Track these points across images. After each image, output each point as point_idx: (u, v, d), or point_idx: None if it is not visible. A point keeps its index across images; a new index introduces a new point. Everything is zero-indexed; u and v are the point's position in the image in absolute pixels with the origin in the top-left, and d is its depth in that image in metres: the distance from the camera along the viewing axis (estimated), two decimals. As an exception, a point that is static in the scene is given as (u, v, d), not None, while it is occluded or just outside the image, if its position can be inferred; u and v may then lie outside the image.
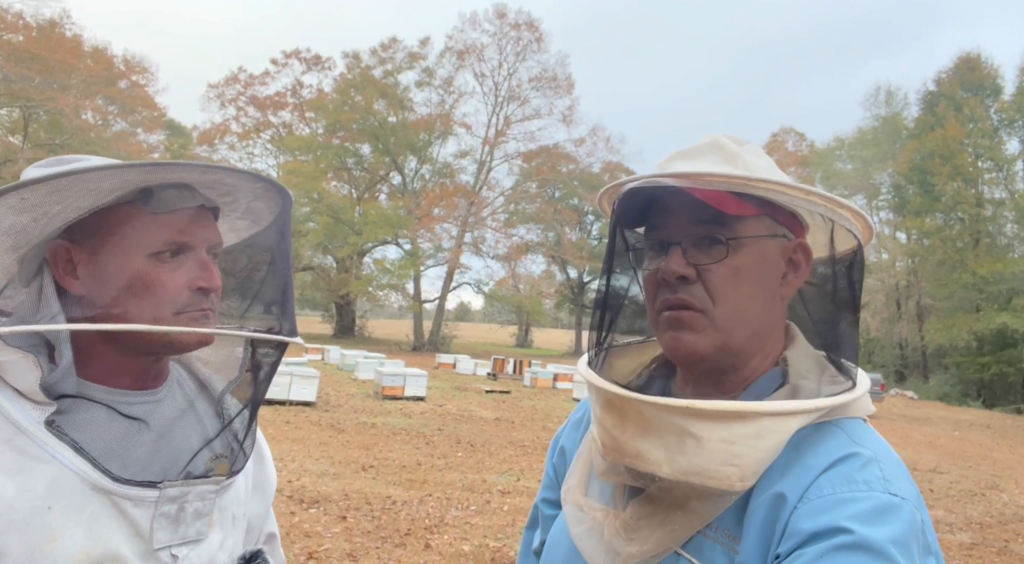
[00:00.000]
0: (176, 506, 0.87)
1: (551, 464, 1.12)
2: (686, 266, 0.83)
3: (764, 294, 0.85)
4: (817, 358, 0.88)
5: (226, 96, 38.98)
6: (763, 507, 0.76)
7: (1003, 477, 10.44)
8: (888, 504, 0.71)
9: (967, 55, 33.54)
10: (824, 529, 0.70)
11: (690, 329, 0.83)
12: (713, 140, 0.89)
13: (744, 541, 0.76)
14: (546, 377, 19.41)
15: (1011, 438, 16.51)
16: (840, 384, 0.84)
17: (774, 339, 0.88)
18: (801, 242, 0.88)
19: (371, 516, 5.91)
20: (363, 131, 37.80)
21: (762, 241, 0.84)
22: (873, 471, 0.75)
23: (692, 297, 0.83)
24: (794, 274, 0.88)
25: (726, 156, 0.87)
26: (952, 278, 30.80)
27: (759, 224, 0.84)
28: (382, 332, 41.30)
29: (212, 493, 0.91)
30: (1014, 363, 27.87)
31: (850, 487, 0.73)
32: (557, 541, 0.98)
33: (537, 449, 9.85)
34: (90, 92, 31.76)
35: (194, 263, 0.89)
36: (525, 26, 37.98)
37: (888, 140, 35.84)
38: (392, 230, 35.45)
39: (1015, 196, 31.24)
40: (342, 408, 12.14)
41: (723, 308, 0.82)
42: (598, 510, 0.90)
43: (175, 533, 0.87)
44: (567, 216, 40.21)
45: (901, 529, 0.70)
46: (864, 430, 0.82)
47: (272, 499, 1.14)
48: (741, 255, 0.83)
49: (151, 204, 0.87)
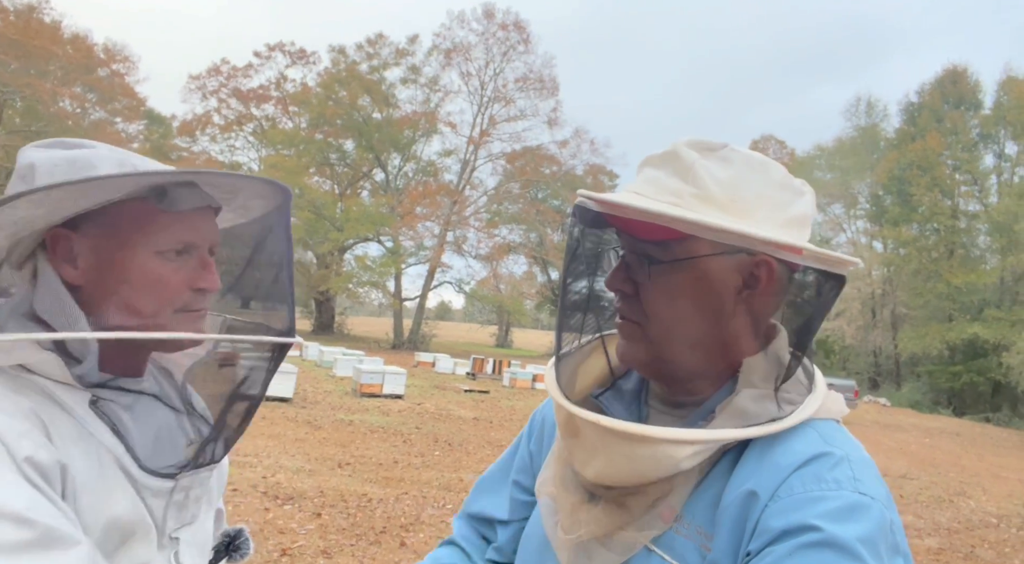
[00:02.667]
0: (184, 494, 0.90)
1: (525, 443, 1.12)
2: (624, 281, 0.87)
3: (704, 310, 0.84)
4: (778, 368, 0.86)
5: (208, 88, 38.49)
6: (735, 504, 0.77)
7: (971, 484, 10.64)
8: (857, 503, 0.72)
9: (952, 68, 34.12)
10: (793, 527, 0.71)
11: (629, 339, 0.88)
12: (673, 149, 0.87)
13: (716, 538, 0.77)
14: (525, 378, 19.43)
15: (979, 446, 16.84)
16: (786, 403, 0.83)
17: (739, 348, 0.87)
18: (764, 258, 0.83)
19: (346, 513, 5.87)
20: (347, 127, 37.53)
21: (704, 259, 0.82)
22: (844, 470, 0.76)
23: (630, 312, 0.87)
24: (752, 289, 0.85)
25: (680, 169, 0.84)
26: (927, 288, 31.34)
27: (702, 243, 0.82)
28: (361, 329, 41.05)
29: (208, 478, 0.95)
30: (984, 372, 28.42)
31: (820, 486, 0.74)
32: (531, 533, 0.99)
33: (515, 449, 9.85)
34: (68, 79, 31.18)
35: (196, 263, 0.90)
36: (513, 27, 37.98)
37: (867, 150, 36.37)
38: (374, 227, 35.24)
39: (989, 209, 31.85)
40: (319, 405, 12.04)
41: (654, 324, 0.85)
42: (572, 502, 0.90)
43: (178, 519, 0.90)
44: (550, 217, 40.26)
45: (869, 528, 0.71)
46: (836, 431, 0.83)
47: (226, 480, 1.15)
48: (675, 274, 0.83)
49: (163, 202, 0.87)
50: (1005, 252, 29.23)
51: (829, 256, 0.82)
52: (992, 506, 9.04)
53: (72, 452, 0.80)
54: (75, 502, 0.79)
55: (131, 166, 0.87)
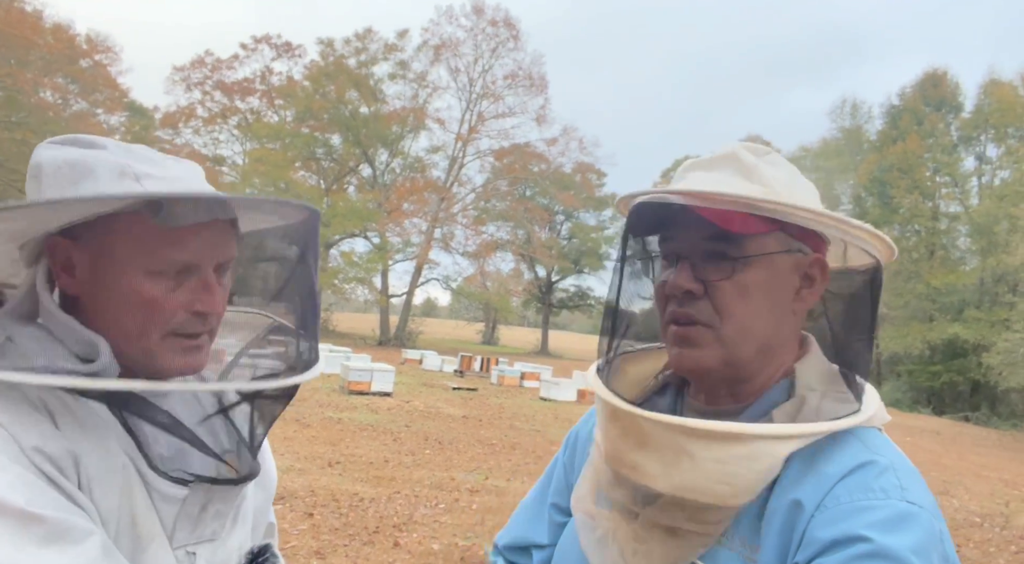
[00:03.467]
0: (199, 507, 0.87)
1: (561, 464, 1.11)
2: (692, 281, 0.83)
3: (773, 309, 0.85)
4: (828, 371, 0.88)
5: (192, 79, 37.98)
6: (780, 515, 0.76)
7: (953, 483, 10.79)
8: (906, 512, 0.71)
9: (933, 71, 34.48)
10: (842, 537, 0.70)
11: (695, 345, 0.84)
12: (731, 151, 0.88)
13: (762, 550, 0.76)
14: (513, 375, 19.43)
15: (959, 445, 17.11)
16: (846, 403, 0.83)
17: (786, 352, 0.88)
18: (818, 257, 0.87)
19: (338, 513, 5.83)
20: (334, 121, 37.24)
21: (772, 257, 0.83)
22: (890, 479, 0.75)
23: (698, 313, 0.83)
24: (808, 289, 0.87)
25: (742, 169, 0.86)
26: (907, 288, 31.71)
27: (770, 240, 0.83)
28: (347, 326, 40.83)
29: (234, 495, 0.91)
30: (963, 372, 28.84)
31: (867, 495, 0.73)
32: (567, 550, 0.97)
33: (505, 447, 9.85)
34: (50, 70, 30.64)
35: (196, 283, 0.83)
36: (503, 23, 37.91)
37: (850, 152, 36.74)
38: (360, 223, 35.04)
39: (969, 211, 32.31)
40: (307, 402, 11.96)
41: (729, 324, 0.82)
42: (608, 519, 0.89)
43: (192, 534, 0.87)
44: (537, 215, 40.27)
45: (920, 537, 0.70)
46: (880, 439, 0.83)
47: (273, 493, 1.13)
48: (749, 272, 0.82)
49: (159, 217, 0.79)
50: (985, 253, 29.65)
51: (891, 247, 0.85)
52: (975, 505, 9.18)
53: (83, 443, 0.77)
54: (90, 493, 0.77)
55: (132, 175, 0.81)
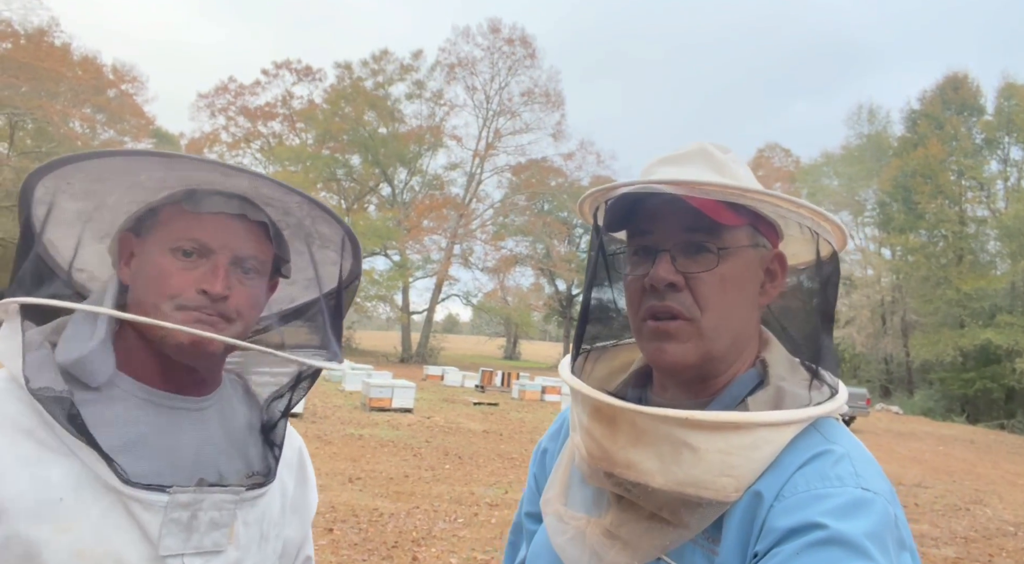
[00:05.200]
0: (188, 513, 0.84)
1: (532, 475, 1.11)
2: (675, 274, 0.83)
3: (746, 303, 0.86)
4: (791, 361, 0.89)
5: (216, 105, 38.97)
6: (740, 506, 0.77)
7: (987, 492, 10.51)
8: (860, 499, 0.72)
9: (953, 75, 34.05)
10: (799, 525, 0.71)
11: (676, 340, 0.83)
12: (700, 147, 0.89)
13: (723, 542, 0.77)
14: (534, 390, 19.36)
15: (994, 453, 16.64)
16: (818, 389, 0.84)
17: (751, 346, 0.89)
18: (778, 252, 0.90)
19: (358, 528, 5.85)
20: (353, 142, 37.80)
21: (745, 250, 0.85)
22: (845, 467, 0.76)
23: (680, 305, 0.83)
24: (771, 283, 0.89)
25: (714, 165, 0.87)
26: (936, 294, 31.12)
27: (743, 234, 0.85)
28: (369, 343, 41.08)
29: (230, 503, 0.88)
30: (997, 379, 28.12)
31: (824, 483, 0.74)
32: (539, 552, 0.97)
33: (525, 461, 9.81)
34: (78, 101, 31.55)
35: (208, 267, 0.89)
36: (519, 41, 38.30)
37: (872, 157, 36.30)
38: (381, 241, 35.36)
39: (997, 214, 31.68)
40: (329, 419, 12.04)
41: (710, 316, 0.83)
42: (579, 519, 0.89)
43: (187, 542, 0.84)
44: (556, 229, 40.32)
45: (874, 523, 0.71)
46: (836, 428, 0.83)
47: (310, 523, 1.11)
48: (727, 264, 0.83)
49: (188, 203, 0.90)
50: (1016, 257, 28.99)
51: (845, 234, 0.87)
52: (1009, 514, 8.93)
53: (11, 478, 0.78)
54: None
55: None
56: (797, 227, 0.87)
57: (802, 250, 0.93)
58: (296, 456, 1.10)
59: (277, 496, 1.00)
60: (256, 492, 0.92)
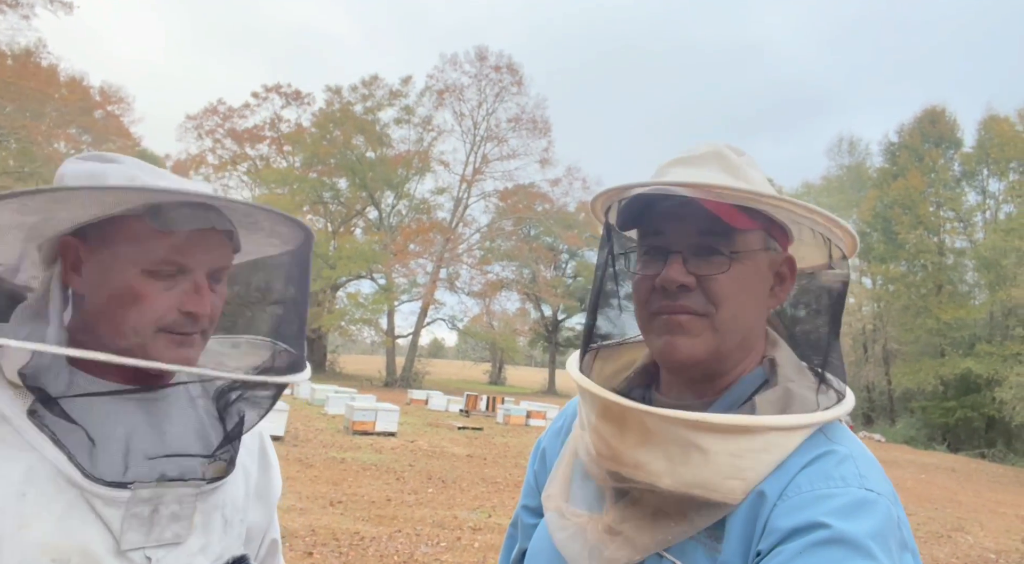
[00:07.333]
0: (149, 508, 0.85)
1: (532, 471, 1.11)
2: (687, 275, 0.83)
3: (755, 304, 0.87)
4: (798, 364, 0.90)
5: (203, 127, 38.91)
6: (744, 506, 0.77)
7: (968, 520, 10.54)
8: (864, 499, 0.73)
9: (931, 108, 34.86)
10: (802, 525, 0.71)
11: (688, 333, 0.83)
12: (715, 149, 0.89)
13: (726, 540, 0.77)
14: (519, 414, 19.25)
15: (975, 482, 16.72)
16: (825, 393, 0.85)
17: (757, 348, 0.90)
18: (788, 256, 0.90)
19: (338, 552, 5.76)
20: (341, 165, 37.83)
21: (757, 254, 0.86)
22: (849, 467, 0.76)
23: (693, 303, 0.83)
24: (780, 286, 0.90)
25: (728, 167, 0.88)
26: (917, 323, 31.44)
27: (755, 238, 0.85)
28: (354, 367, 40.70)
29: (191, 496, 0.89)
30: (977, 408, 28.34)
31: (827, 483, 0.75)
32: (539, 548, 0.97)
33: (509, 486, 9.72)
34: (64, 121, 31.42)
35: (188, 285, 0.88)
36: (506, 69, 38.74)
37: (852, 188, 36.97)
38: (367, 264, 35.24)
39: (975, 246, 32.25)
40: (311, 443, 11.88)
41: (724, 312, 0.83)
42: (580, 515, 0.89)
43: (148, 535, 0.85)
44: (542, 254, 40.44)
45: (878, 523, 0.71)
46: (839, 429, 0.84)
47: (275, 508, 1.12)
48: (739, 267, 0.84)
49: (156, 220, 0.86)
50: (994, 287, 29.46)
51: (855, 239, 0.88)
52: (990, 542, 8.96)
53: None
54: None
55: (140, 181, 0.88)
56: (808, 232, 0.88)
57: (809, 254, 0.94)
58: (257, 442, 1.10)
59: (241, 482, 1.00)
60: (216, 484, 0.92)
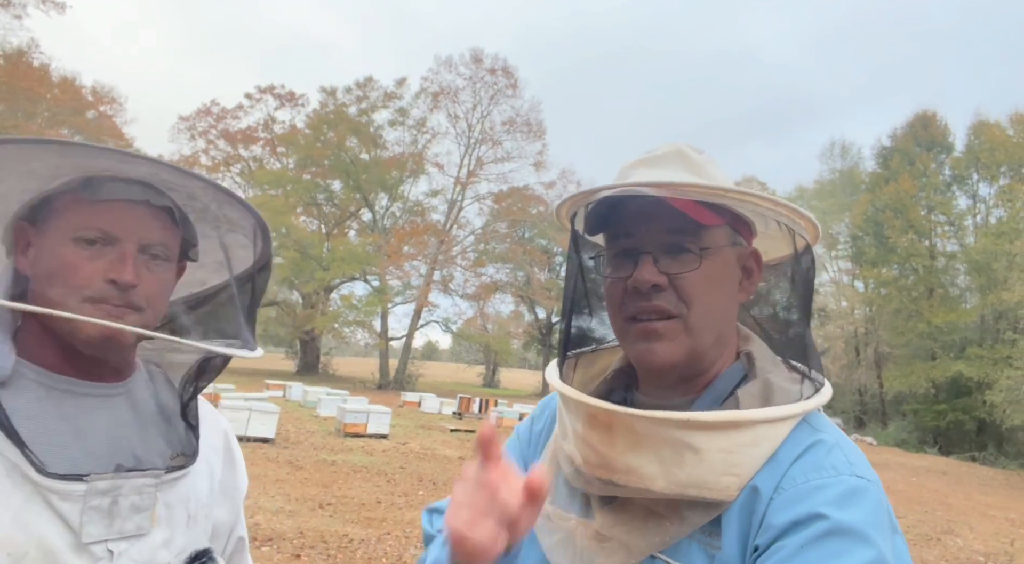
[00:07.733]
0: (108, 500, 0.84)
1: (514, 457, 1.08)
2: (658, 275, 0.83)
3: (727, 300, 0.87)
4: (772, 356, 0.91)
5: (197, 128, 38.76)
6: (738, 502, 0.77)
7: (958, 523, 10.58)
8: (856, 487, 0.74)
9: (923, 113, 35.02)
10: (801, 517, 0.72)
11: (664, 339, 0.84)
12: (676, 148, 0.90)
13: (724, 537, 0.77)
14: (512, 417, 19.20)
15: (966, 485, 16.79)
16: (805, 382, 0.85)
17: (732, 343, 0.90)
18: (754, 250, 0.91)
19: (326, 554, 5.74)
20: (335, 167, 37.78)
21: (725, 250, 0.86)
22: (838, 456, 0.77)
23: (666, 303, 0.83)
24: (748, 280, 0.90)
25: (691, 165, 0.88)
26: (908, 327, 31.56)
27: (722, 233, 0.86)
28: (347, 369, 40.61)
29: (151, 487, 0.88)
30: (968, 411, 28.46)
31: (820, 474, 0.75)
32: (527, 554, 0.93)
33: (500, 489, 9.70)
34: (56, 121, 31.30)
35: (115, 255, 0.87)
36: (501, 71, 38.77)
37: (845, 192, 37.13)
38: (360, 266, 35.19)
39: (966, 249, 32.42)
40: (301, 445, 11.84)
41: (697, 311, 0.84)
42: (568, 519, 0.88)
43: (109, 528, 0.84)
44: (536, 257, 40.45)
45: (871, 510, 0.73)
46: (820, 417, 0.85)
47: (242, 505, 1.12)
48: (709, 264, 0.84)
49: (86, 191, 0.87)
50: (984, 291, 29.62)
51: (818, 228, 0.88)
52: (980, 544, 9.00)
53: None
54: None
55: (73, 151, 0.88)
56: (772, 224, 0.89)
57: (772, 246, 0.95)
58: (222, 440, 1.10)
59: (205, 478, 1.00)
60: (176, 473, 0.92)
